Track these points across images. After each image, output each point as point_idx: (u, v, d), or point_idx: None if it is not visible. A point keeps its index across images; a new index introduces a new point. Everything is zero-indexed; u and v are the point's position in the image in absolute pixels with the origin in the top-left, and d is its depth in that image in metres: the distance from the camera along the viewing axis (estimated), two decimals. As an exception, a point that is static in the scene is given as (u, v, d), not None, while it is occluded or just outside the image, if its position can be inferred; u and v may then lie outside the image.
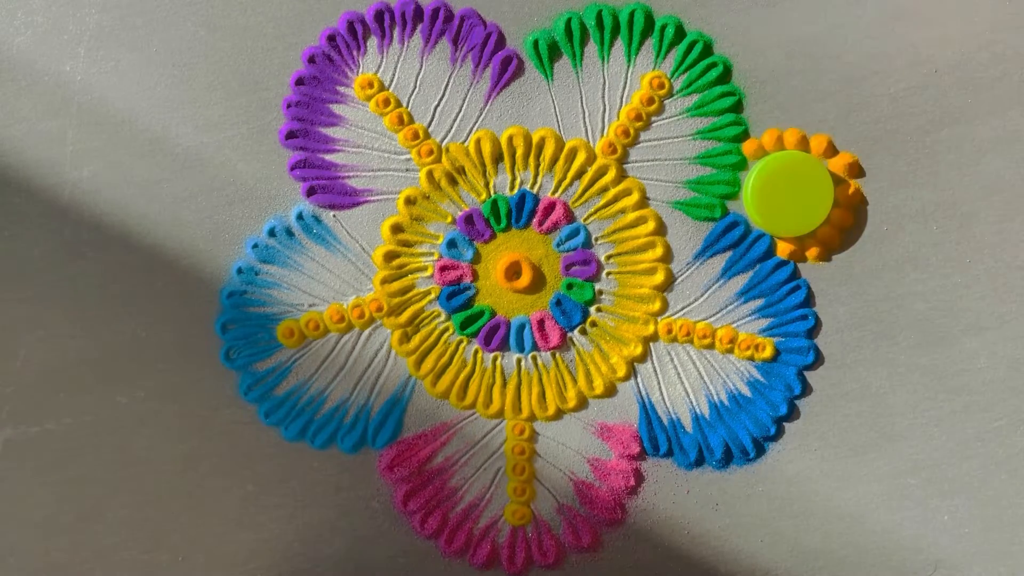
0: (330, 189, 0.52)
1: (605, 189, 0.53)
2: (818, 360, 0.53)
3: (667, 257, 0.53)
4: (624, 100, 0.53)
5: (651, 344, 0.53)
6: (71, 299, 0.51)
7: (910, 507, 0.53)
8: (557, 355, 0.53)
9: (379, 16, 0.52)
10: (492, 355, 0.53)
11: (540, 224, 0.52)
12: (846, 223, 0.52)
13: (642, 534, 0.53)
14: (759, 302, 0.53)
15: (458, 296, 0.52)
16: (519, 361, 0.53)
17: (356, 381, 0.52)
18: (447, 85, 0.52)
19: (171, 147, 0.51)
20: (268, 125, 0.52)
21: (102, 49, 0.51)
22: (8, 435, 0.51)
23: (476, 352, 0.53)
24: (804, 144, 0.52)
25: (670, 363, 0.53)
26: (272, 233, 0.52)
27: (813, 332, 0.53)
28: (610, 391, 0.53)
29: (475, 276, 0.53)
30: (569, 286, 0.53)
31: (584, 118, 0.53)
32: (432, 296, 0.52)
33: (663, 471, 0.53)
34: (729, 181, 0.53)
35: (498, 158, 0.52)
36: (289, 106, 0.52)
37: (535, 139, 0.52)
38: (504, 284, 0.52)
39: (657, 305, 0.53)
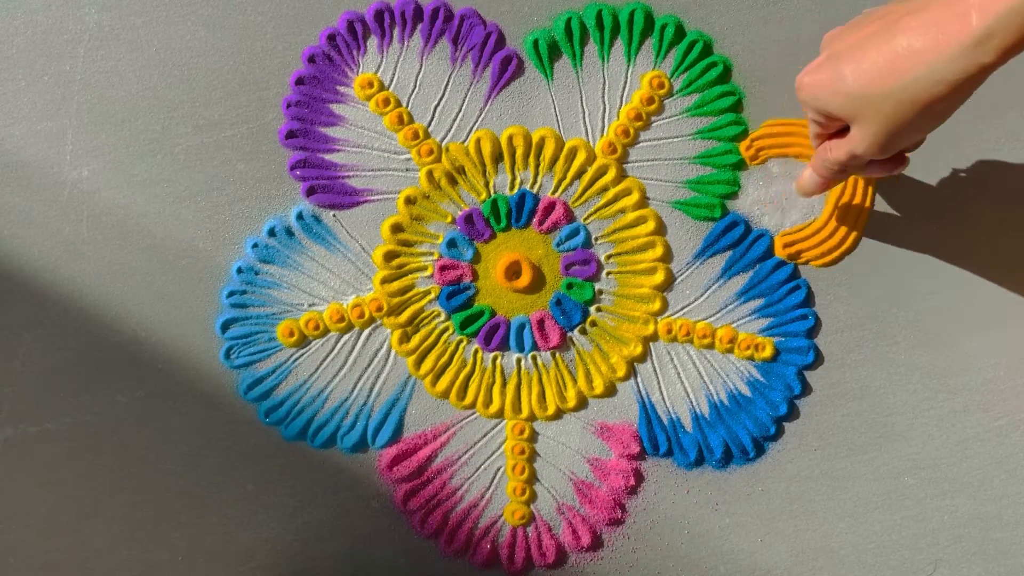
0: (330, 189, 0.52)
1: (605, 189, 0.53)
2: (818, 360, 0.53)
3: (667, 257, 0.53)
4: (624, 100, 0.53)
5: (651, 344, 0.53)
6: (71, 299, 0.51)
7: (909, 507, 0.53)
8: (557, 355, 0.53)
9: (379, 16, 0.52)
10: (492, 355, 0.53)
11: (540, 224, 0.52)
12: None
13: (642, 534, 0.53)
14: (759, 302, 0.53)
15: (458, 296, 0.52)
16: (519, 361, 0.53)
17: (356, 381, 0.52)
18: (447, 85, 0.52)
19: (171, 147, 0.51)
20: (268, 125, 0.52)
21: (102, 49, 0.51)
22: (8, 435, 0.51)
23: (476, 352, 0.53)
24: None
25: (670, 363, 0.53)
26: (272, 233, 0.52)
27: (813, 332, 0.53)
28: (610, 391, 0.53)
29: (475, 276, 0.53)
30: (569, 286, 0.53)
31: (584, 118, 0.53)
32: (432, 296, 0.52)
33: (663, 471, 0.53)
34: (729, 181, 0.53)
35: (498, 158, 0.52)
36: (289, 106, 0.52)
37: (535, 139, 0.52)
38: (504, 284, 0.52)
39: (657, 305, 0.53)
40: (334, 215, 0.52)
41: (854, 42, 0.41)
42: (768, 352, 0.53)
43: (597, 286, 0.53)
